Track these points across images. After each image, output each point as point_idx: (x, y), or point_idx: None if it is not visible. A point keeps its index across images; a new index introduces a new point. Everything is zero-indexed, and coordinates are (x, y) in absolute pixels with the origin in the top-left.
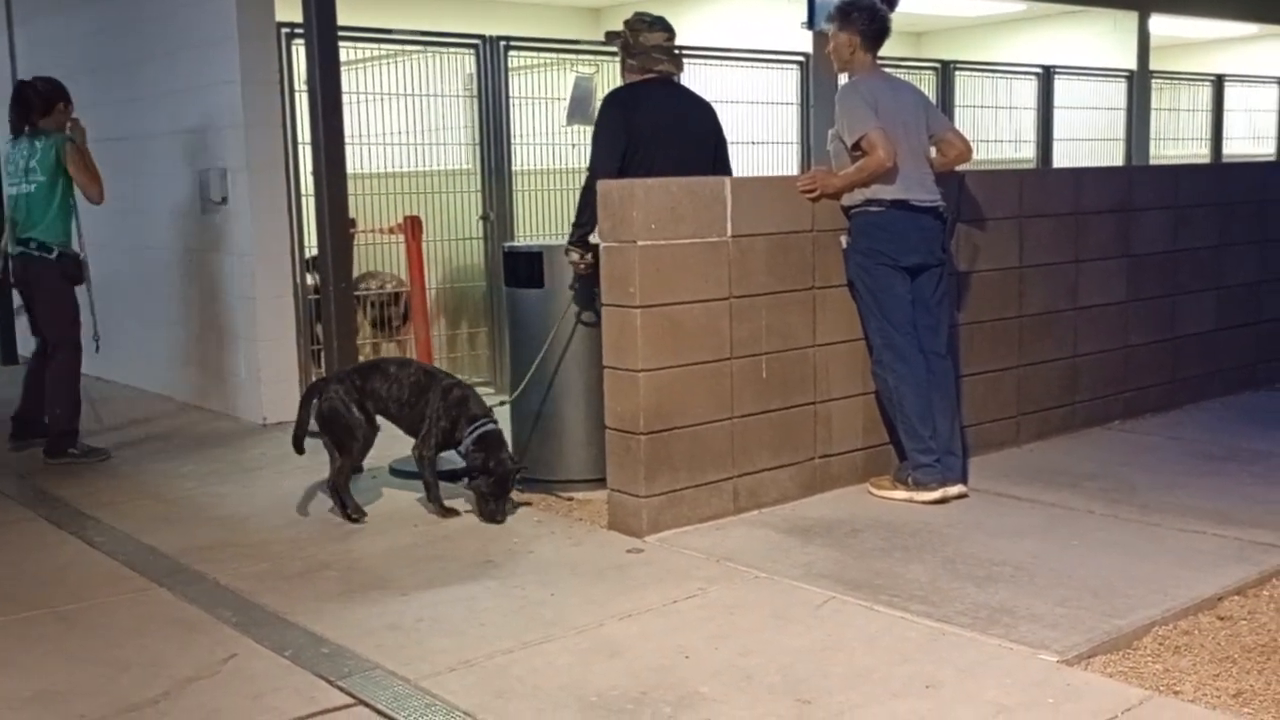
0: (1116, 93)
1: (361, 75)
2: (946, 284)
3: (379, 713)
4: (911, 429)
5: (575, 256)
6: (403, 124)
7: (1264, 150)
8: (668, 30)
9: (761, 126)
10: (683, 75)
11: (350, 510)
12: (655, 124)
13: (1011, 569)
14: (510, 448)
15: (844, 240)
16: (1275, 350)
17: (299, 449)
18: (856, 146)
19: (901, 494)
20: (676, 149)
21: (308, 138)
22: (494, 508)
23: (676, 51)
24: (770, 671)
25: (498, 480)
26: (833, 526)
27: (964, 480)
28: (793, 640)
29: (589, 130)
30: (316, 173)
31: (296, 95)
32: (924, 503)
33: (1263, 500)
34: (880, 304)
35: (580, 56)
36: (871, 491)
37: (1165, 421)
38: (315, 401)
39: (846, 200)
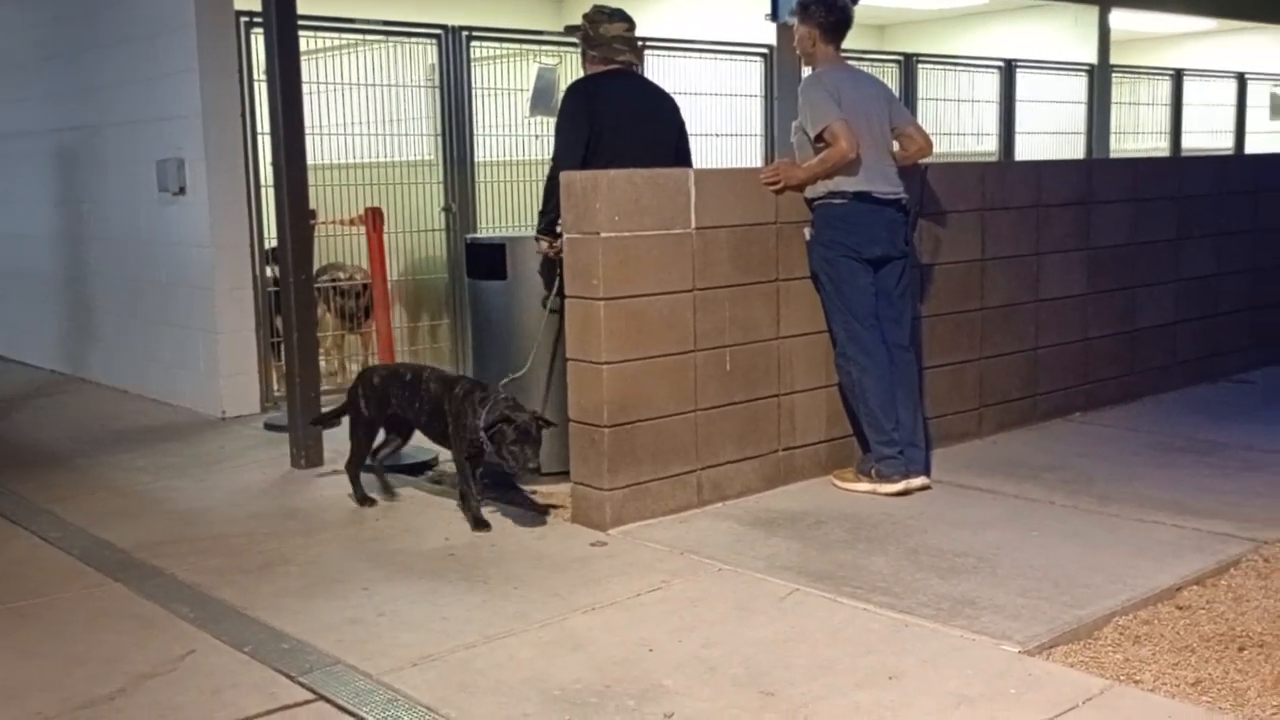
0: (1077, 87)
1: (322, 65)
2: (909, 276)
3: (340, 708)
4: (875, 421)
5: (544, 245)
6: (364, 114)
7: (1221, 144)
8: (628, 21)
9: (725, 118)
10: (646, 67)
11: (356, 494)
12: (618, 115)
13: (974, 560)
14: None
15: (807, 232)
16: (1232, 343)
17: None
18: (819, 138)
19: (865, 486)
20: (640, 141)
21: (267, 128)
22: (525, 455)
23: (638, 43)
24: (734, 663)
25: (519, 428)
26: (796, 518)
27: (927, 472)
28: (756, 632)
29: (552, 121)
30: (276, 163)
31: (256, 85)
32: (887, 494)
33: (1219, 491)
34: (843, 296)
35: (543, 47)
36: (835, 483)
37: (1124, 413)
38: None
39: (810, 192)
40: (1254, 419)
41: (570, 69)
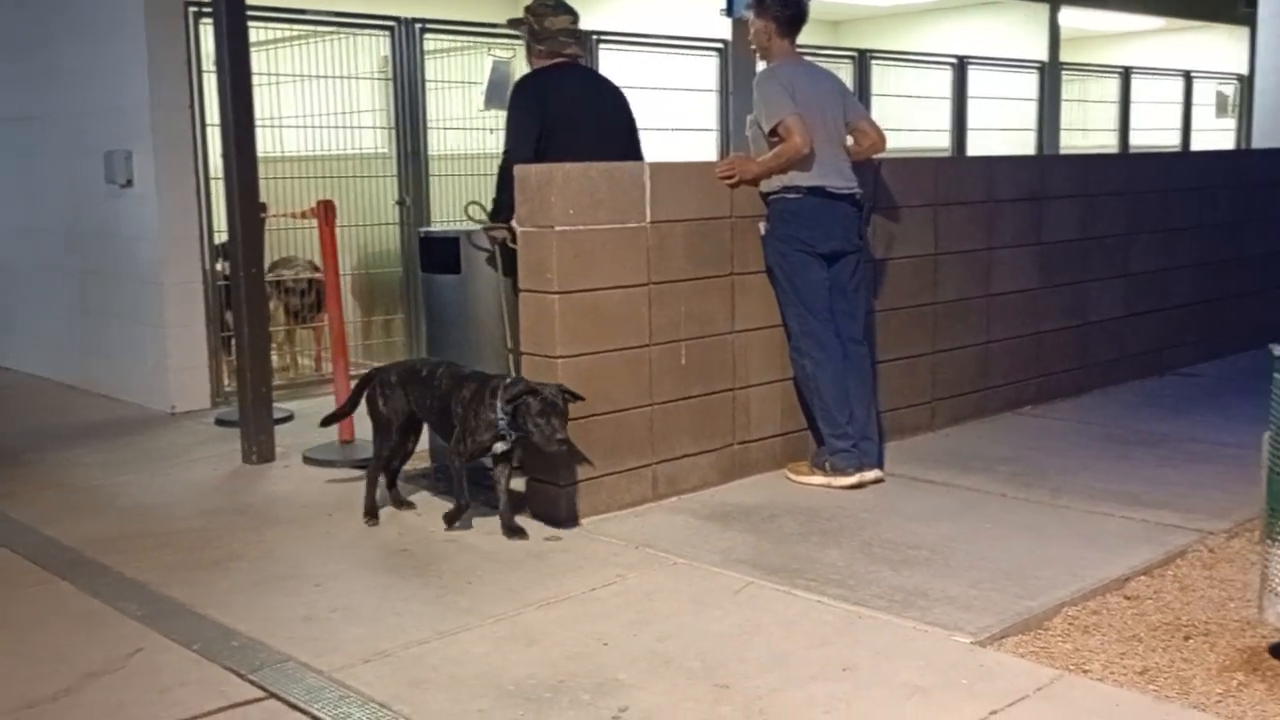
0: (1028, 83)
1: (273, 56)
2: (863, 271)
3: (291, 706)
4: (828, 415)
5: (499, 233)
6: (315, 107)
7: (1168, 141)
8: (572, 14)
9: (681, 113)
10: (600, 61)
11: (364, 509)
12: (569, 109)
13: (927, 552)
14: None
15: (762, 227)
16: (1180, 336)
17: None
18: (774, 133)
19: (819, 479)
20: (592, 134)
21: (217, 119)
22: (553, 427)
23: (582, 35)
24: (689, 656)
25: (545, 400)
26: (751, 512)
27: (880, 465)
28: (711, 625)
29: (506, 115)
30: (226, 155)
31: (205, 76)
32: (841, 488)
33: (1167, 482)
34: (798, 290)
35: (497, 40)
36: (789, 477)
37: (1075, 406)
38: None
39: (764, 186)
40: (1200, 412)
41: (524, 62)
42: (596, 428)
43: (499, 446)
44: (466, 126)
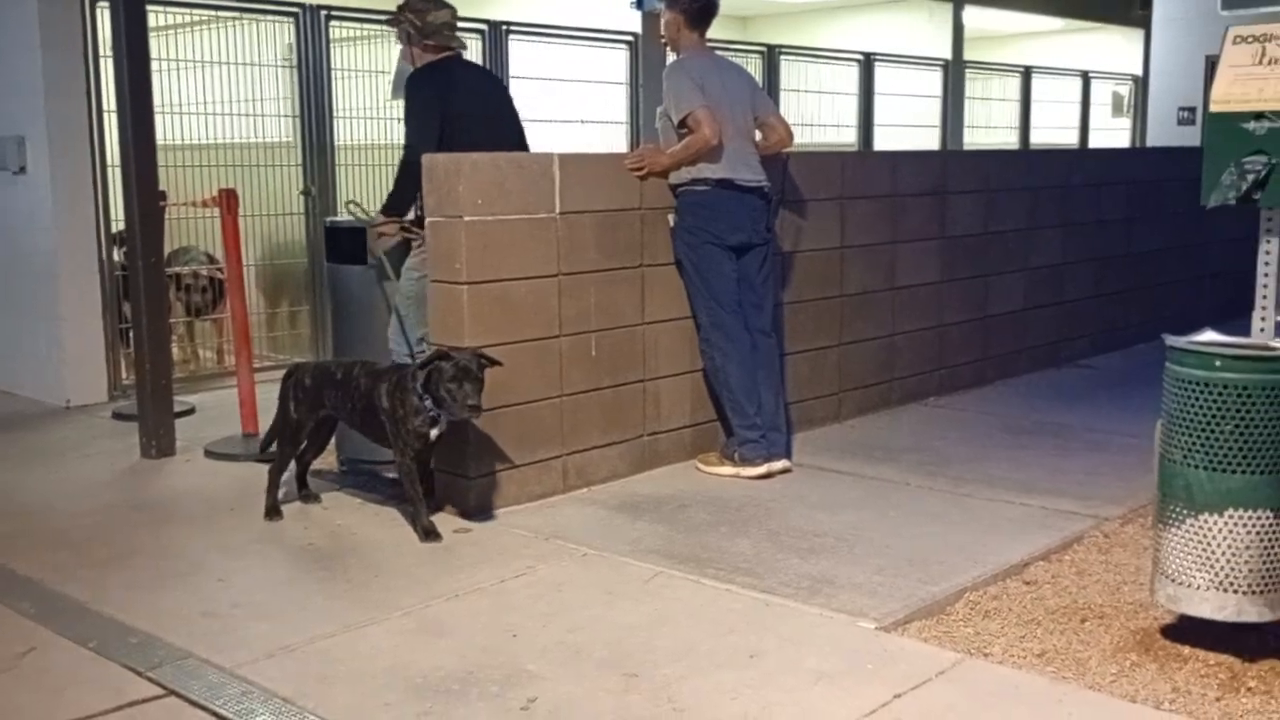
0: (933, 81)
1: (173, 41)
2: (771, 263)
3: (192, 703)
4: (738, 406)
5: (388, 229)
6: (218, 94)
7: (1067, 139)
8: (450, 8)
9: (591, 105)
10: (509, 53)
11: (268, 503)
12: (467, 102)
13: (833, 540)
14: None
15: (671, 219)
16: (1077, 329)
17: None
18: (683, 124)
19: (728, 470)
20: (489, 128)
21: (114, 105)
22: (465, 392)
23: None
24: (598, 647)
25: (458, 365)
26: (661, 503)
27: (788, 455)
28: (621, 615)
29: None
30: (123, 142)
31: (101, 60)
32: (750, 478)
33: (1064, 470)
34: (707, 282)
35: None
36: (699, 468)
37: (977, 397)
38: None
39: (674, 178)
40: (1097, 402)
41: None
42: (506, 419)
43: (434, 432)
44: (374, 116)
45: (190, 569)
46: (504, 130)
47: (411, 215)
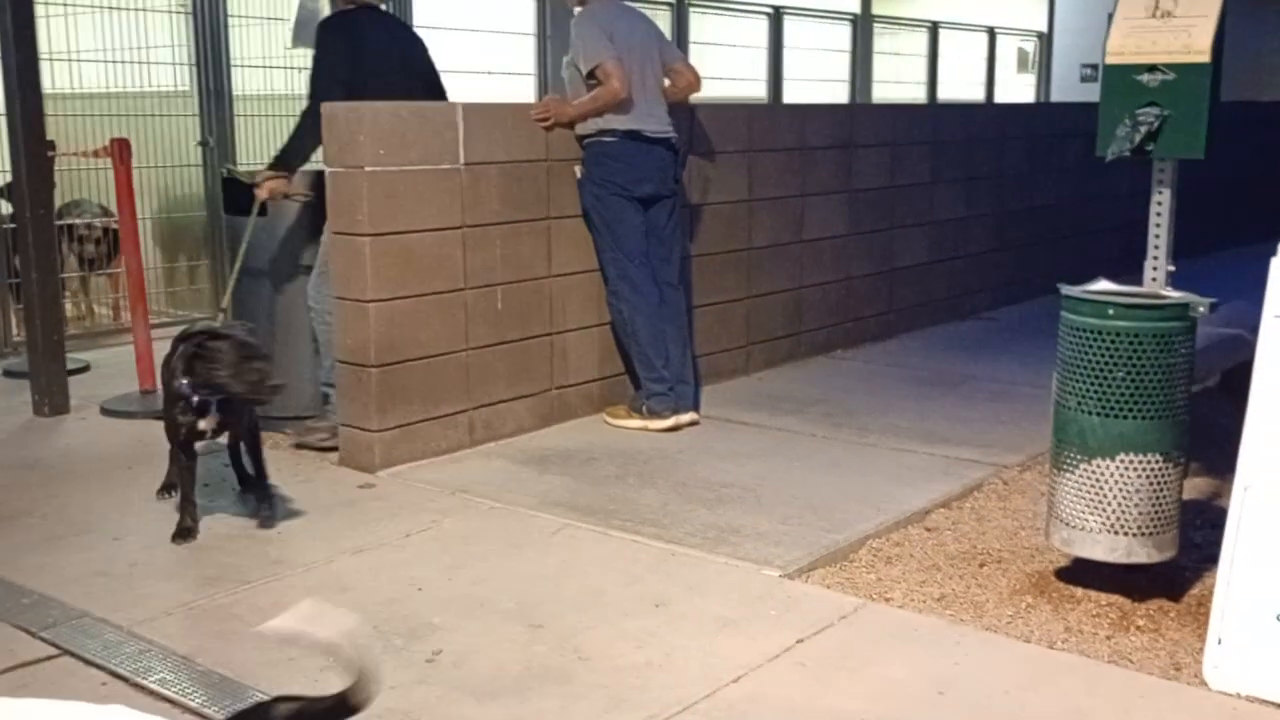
0: (842, 35)
1: None
2: (678, 215)
3: (86, 661)
4: (645, 358)
5: (276, 184)
6: (108, 40)
7: (974, 95)
8: None
9: (498, 56)
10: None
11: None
12: (378, 55)
13: (739, 490)
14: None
15: (578, 170)
16: (980, 281)
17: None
18: (591, 75)
19: (636, 422)
20: (403, 81)
21: None
22: (257, 371)
23: None
24: (503, 599)
25: (236, 341)
26: (569, 456)
27: (696, 408)
28: (527, 567)
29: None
30: (8, 90)
31: None
32: (657, 430)
33: (966, 420)
34: (614, 234)
35: None
36: (607, 420)
37: (883, 349)
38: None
39: (580, 129)
40: (999, 353)
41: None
42: (410, 373)
43: (202, 424)
44: (274, 65)
45: (85, 528)
46: (417, 84)
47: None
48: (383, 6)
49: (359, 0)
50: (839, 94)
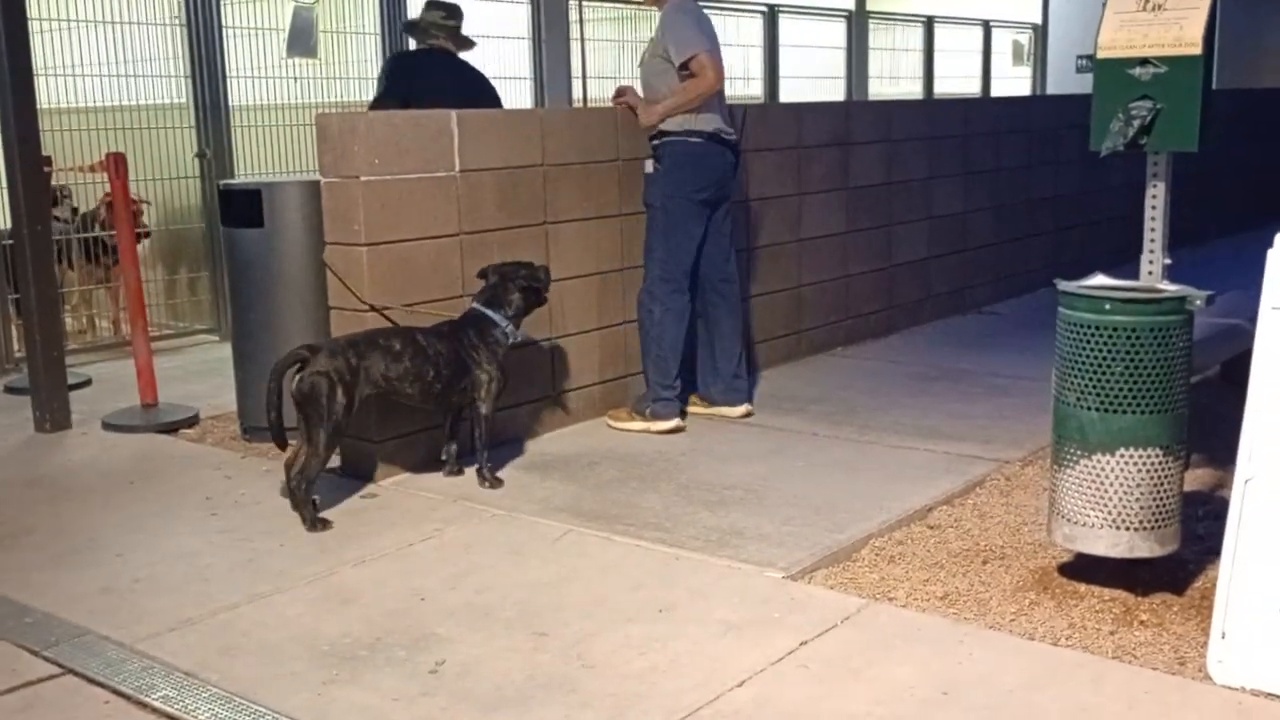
0: (837, 32)
1: (54, 1)
2: (732, 213)
3: (90, 680)
4: (663, 364)
5: None
6: (103, 54)
7: (970, 89)
8: (444, 10)
9: (493, 61)
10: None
11: (307, 521)
12: (433, 96)
13: (741, 492)
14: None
15: (650, 164)
16: (980, 276)
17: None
18: (684, 67)
19: (638, 425)
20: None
21: None
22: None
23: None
24: (507, 607)
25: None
26: (570, 461)
27: (750, 400)
28: (530, 575)
29: (312, 64)
30: (2, 106)
31: None
32: (659, 432)
33: (967, 416)
34: (671, 239)
35: None
36: (609, 424)
37: (883, 346)
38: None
39: (668, 124)
40: (1000, 348)
41: (328, 9)
42: None
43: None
44: (270, 75)
45: (88, 545)
46: None
47: None
48: (460, 55)
49: (434, 44)
50: (835, 91)
